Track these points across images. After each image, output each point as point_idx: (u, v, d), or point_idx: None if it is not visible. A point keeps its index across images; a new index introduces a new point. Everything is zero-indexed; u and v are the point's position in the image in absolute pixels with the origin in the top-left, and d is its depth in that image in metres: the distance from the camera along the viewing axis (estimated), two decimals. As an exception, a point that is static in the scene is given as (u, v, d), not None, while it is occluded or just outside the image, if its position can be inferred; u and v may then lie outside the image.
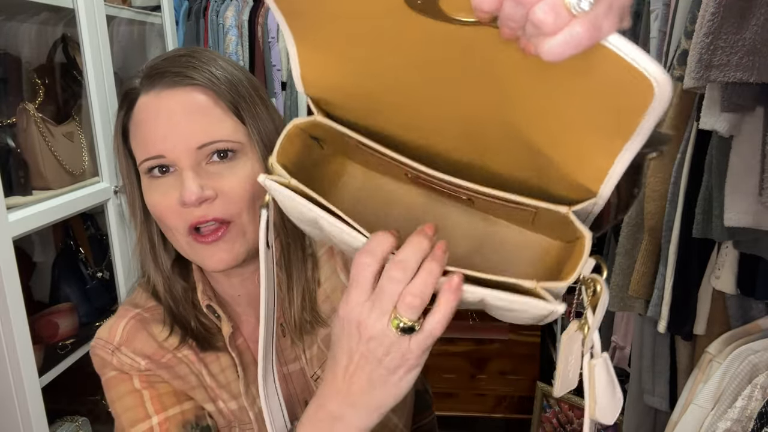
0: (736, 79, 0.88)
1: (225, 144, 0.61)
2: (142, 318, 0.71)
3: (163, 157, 0.61)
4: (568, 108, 0.38)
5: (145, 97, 0.62)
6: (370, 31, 0.40)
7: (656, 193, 1.21)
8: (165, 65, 0.63)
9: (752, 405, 0.94)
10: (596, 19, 0.29)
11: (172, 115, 0.60)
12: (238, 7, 2.20)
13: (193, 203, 0.60)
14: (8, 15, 1.44)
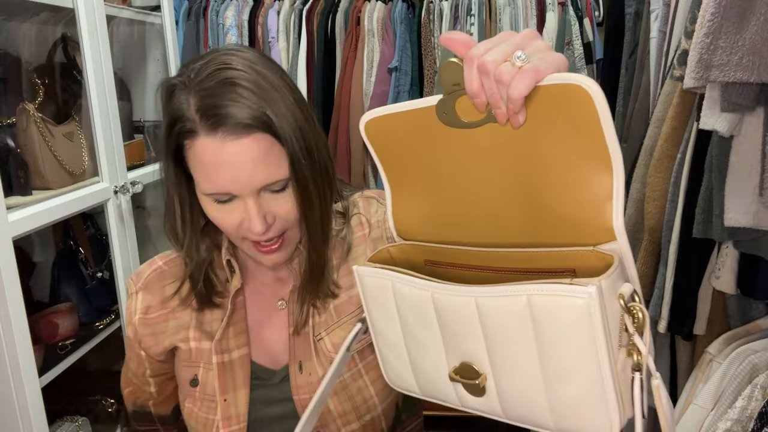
0: (736, 79, 0.88)
1: (281, 183, 0.72)
2: (162, 271, 0.86)
3: (230, 194, 0.71)
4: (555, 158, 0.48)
5: (209, 140, 0.68)
6: (432, 161, 0.56)
7: (656, 193, 1.21)
8: (222, 103, 0.67)
9: (752, 405, 0.94)
10: (533, 65, 0.45)
11: (239, 164, 0.68)
12: (238, 6, 2.20)
13: (260, 234, 0.72)
14: (8, 15, 1.44)
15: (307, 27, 2.14)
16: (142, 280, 0.87)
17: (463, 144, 0.53)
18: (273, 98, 0.69)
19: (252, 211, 0.70)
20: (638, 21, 1.78)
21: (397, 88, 2.07)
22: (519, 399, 0.53)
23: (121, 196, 1.50)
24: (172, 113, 0.71)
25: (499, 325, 0.51)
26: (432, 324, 0.56)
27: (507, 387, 0.53)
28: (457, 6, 2.06)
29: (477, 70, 0.47)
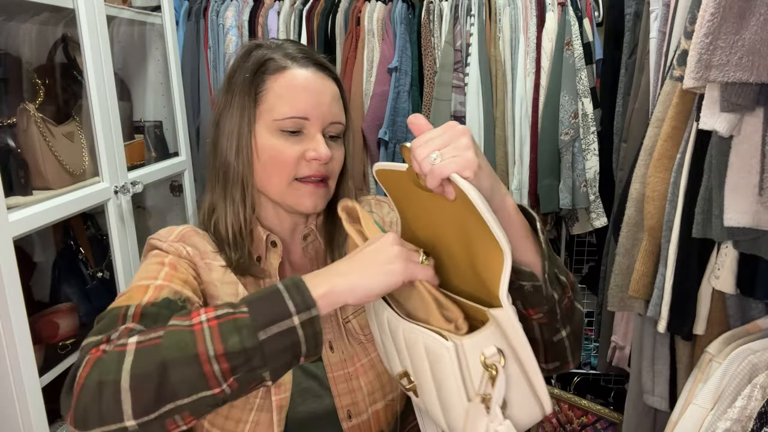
0: (736, 79, 0.88)
1: (341, 126, 0.87)
2: (195, 230, 0.87)
3: (307, 119, 0.82)
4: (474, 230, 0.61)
5: (301, 70, 0.83)
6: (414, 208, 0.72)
7: (656, 193, 1.21)
8: (307, 52, 0.86)
9: (752, 405, 0.94)
10: (439, 166, 0.60)
11: (322, 91, 0.84)
12: (238, 7, 2.20)
13: (324, 159, 0.82)
14: (9, 15, 1.44)
15: (307, 27, 2.14)
16: (175, 234, 0.85)
17: (430, 203, 0.67)
18: None
19: (319, 137, 0.82)
20: (638, 21, 1.78)
21: (397, 88, 2.07)
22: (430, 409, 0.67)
23: (122, 196, 1.50)
24: (258, 59, 0.84)
25: (414, 352, 0.66)
26: (387, 334, 0.72)
27: (423, 397, 0.68)
28: (457, 6, 2.06)
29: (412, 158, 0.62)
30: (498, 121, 2.05)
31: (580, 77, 1.97)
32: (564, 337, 0.76)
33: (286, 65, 0.83)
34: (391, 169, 0.71)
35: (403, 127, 2.08)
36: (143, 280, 0.76)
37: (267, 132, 0.83)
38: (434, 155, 0.60)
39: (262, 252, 0.87)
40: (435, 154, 0.60)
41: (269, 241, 0.87)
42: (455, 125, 0.63)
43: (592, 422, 2.09)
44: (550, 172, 2.01)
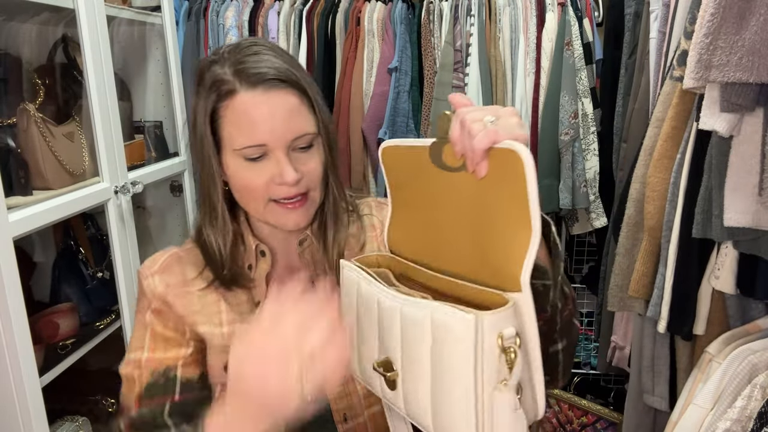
0: (736, 79, 0.88)
1: (309, 136, 0.80)
2: (179, 257, 0.88)
3: (265, 146, 0.77)
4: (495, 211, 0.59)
5: (248, 94, 0.77)
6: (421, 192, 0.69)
7: (656, 193, 1.21)
8: (258, 65, 0.78)
9: (752, 405, 0.94)
10: (495, 128, 0.57)
11: (276, 111, 0.77)
12: (238, 7, 2.20)
13: (292, 183, 0.78)
14: (9, 15, 1.44)
15: (307, 27, 2.14)
16: (158, 264, 0.87)
17: (443, 184, 0.65)
18: (294, 64, 0.80)
19: (284, 161, 0.77)
20: (638, 21, 1.78)
21: (397, 88, 2.07)
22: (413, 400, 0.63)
23: (122, 196, 1.50)
24: (211, 80, 0.79)
25: (411, 332, 0.62)
26: (374, 319, 0.68)
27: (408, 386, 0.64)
28: (457, 6, 2.06)
29: (459, 123, 0.59)
30: (498, 121, 2.05)
31: (580, 77, 1.97)
32: (559, 350, 0.77)
33: (234, 88, 0.77)
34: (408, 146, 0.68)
35: (403, 127, 2.08)
36: (135, 351, 0.84)
37: (232, 160, 0.80)
38: (490, 117, 0.58)
39: (252, 261, 0.86)
40: (490, 117, 0.58)
41: (258, 250, 0.86)
42: (503, 107, 0.62)
43: (592, 422, 2.09)
44: (550, 172, 2.01)
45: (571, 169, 1.99)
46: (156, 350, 0.84)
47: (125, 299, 1.50)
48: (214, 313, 0.84)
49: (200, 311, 0.84)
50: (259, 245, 0.86)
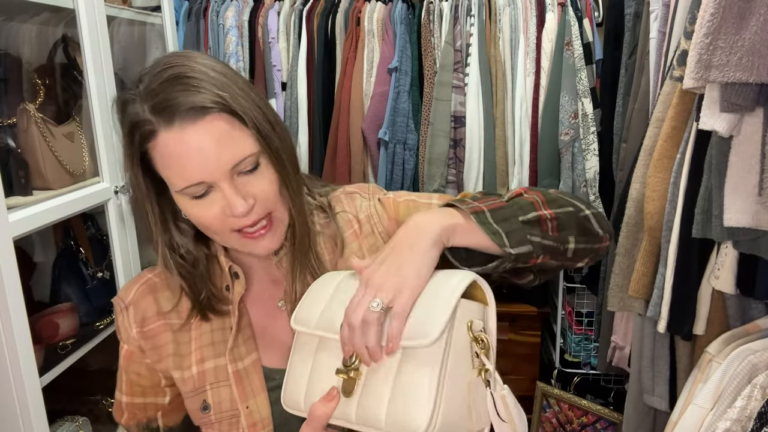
0: (736, 79, 0.88)
1: (251, 158, 0.71)
2: (153, 283, 0.83)
3: (203, 182, 0.70)
4: None
5: (169, 133, 0.69)
6: None
7: (656, 193, 1.21)
8: (173, 96, 0.68)
9: (752, 405, 0.94)
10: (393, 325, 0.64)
11: (203, 147, 0.68)
12: (238, 7, 2.20)
13: (242, 214, 0.71)
14: (9, 15, 1.44)
15: (307, 27, 2.14)
16: (131, 295, 0.83)
17: None
18: (222, 82, 0.70)
19: (229, 193, 0.70)
20: (638, 21, 1.78)
21: (397, 88, 2.07)
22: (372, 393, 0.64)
23: (122, 196, 1.50)
24: (129, 124, 0.71)
25: None
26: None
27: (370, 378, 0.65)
28: (457, 6, 2.06)
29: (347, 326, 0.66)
30: (498, 121, 2.05)
31: (580, 77, 1.97)
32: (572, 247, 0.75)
33: (153, 128, 0.69)
34: None
35: (403, 127, 2.08)
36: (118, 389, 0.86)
37: (180, 199, 0.74)
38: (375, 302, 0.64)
39: (228, 281, 0.82)
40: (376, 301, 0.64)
41: (232, 272, 0.82)
42: None
43: (592, 422, 2.09)
44: (550, 172, 2.01)
45: (571, 169, 1.99)
46: (134, 396, 0.85)
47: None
48: (185, 355, 0.81)
49: (173, 353, 0.81)
50: (232, 266, 0.81)
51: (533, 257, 0.70)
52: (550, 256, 0.72)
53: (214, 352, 0.81)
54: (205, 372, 0.81)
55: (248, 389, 0.80)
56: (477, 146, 2.05)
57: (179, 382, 0.82)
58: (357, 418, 0.65)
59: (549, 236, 0.71)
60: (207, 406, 0.80)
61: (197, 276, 0.80)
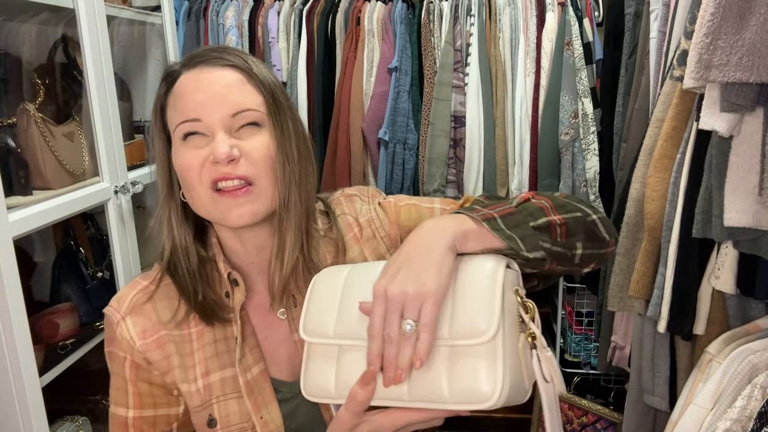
0: (736, 79, 0.88)
1: (254, 113, 0.73)
2: (149, 291, 0.80)
3: (199, 120, 0.71)
4: None
5: (188, 74, 0.73)
6: None
7: (656, 193, 1.21)
8: (204, 51, 0.75)
9: (752, 405, 0.94)
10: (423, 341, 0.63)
11: (211, 85, 0.72)
12: (238, 7, 2.20)
13: (223, 160, 0.70)
14: (9, 15, 1.44)
15: (307, 27, 2.14)
16: (126, 304, 0.78)
17: None
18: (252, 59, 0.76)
19: (220, 137, 0.70)
20: (638, 21, 1.78)
21: (397, 88, 2.07)
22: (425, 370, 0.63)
23: (122, 196, 1.50)
24: (161, 80, 0.76)
25: None
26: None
27: None
28: (457, 6, 2.06)
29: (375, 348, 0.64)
30: (498, 121, 2.05)
31: (580, 77, 1.97)
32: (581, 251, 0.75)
33: (178, 74, 0.74)
34: None
35: (403, 126, 2.08)
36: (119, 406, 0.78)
37: (176, 147, 0.74)
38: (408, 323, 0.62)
39: (228, 288, 0.79)
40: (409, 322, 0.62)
41: (231, 278, 0.79)
42: None
43: (592, 422, 2.09)
44: (550, 172, 2.01)
45: (571, 169, 1.99)
46: (144, 408, 0.78)
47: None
48: (189, 368, 0.78)
49: (178, 365, 0.78)
50: (231, 273, 0.79)
51: (545, 263, 0.70)
52: (558, 262, 0.72)
53: (218, 363, 0.78)
54: (211, 385, 0.78)
55: (260, 399, 0.78)
56: (477, 146, 2.05)
57: (186, 396, 0.78)
58: (412, 396, 0.64)
59: (558, 242, 0.71)
60: (213, 420, 0.77)
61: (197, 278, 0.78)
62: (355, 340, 0.67)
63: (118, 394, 0.79)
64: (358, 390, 0.64)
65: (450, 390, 0.62)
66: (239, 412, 0.77)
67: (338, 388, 0.67)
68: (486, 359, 0.61)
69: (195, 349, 0.78)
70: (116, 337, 0.78)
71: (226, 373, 0.78)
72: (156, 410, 0.79)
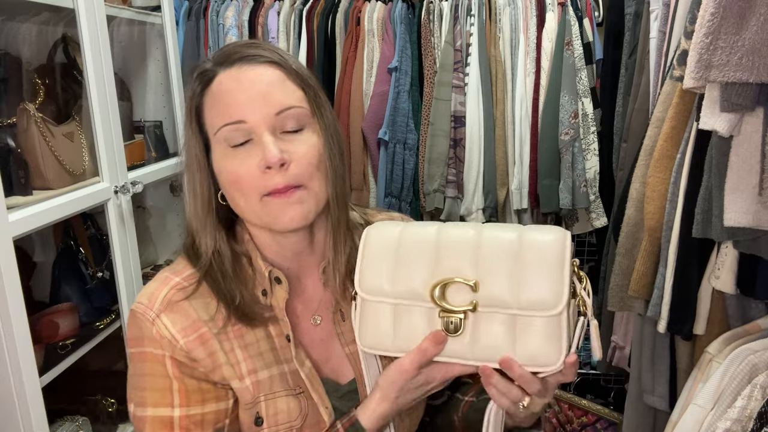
0: (736, 79, 0.88)
1: (297, 110, 0.71)
2: (183, 288, 0.76)
3: (243, 122, 0.69)
4: None
5: (226, 73, 0.71)
6: None
7: (656, 193, 1.21)
8: (238, 48, 0.73)
9: (752, 405, 0.94)
10: None
11: (253, 84, 0.70)
12: (238, 7, 2.20)
13: (275, 164, 0.69)
14: (8, 15, 1.44)
15: (307, 27, 2.14)
16: (159, 301, 0.74)
17: None
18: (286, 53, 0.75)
19: (267, 140, 0.69)
20: (638, 21, 1.78)
21: (397, 88, 2.07)
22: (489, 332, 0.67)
23: (122, 196, 1.50)
24: (193, 79, 0.74)
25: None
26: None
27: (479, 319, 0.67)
28: (457, 6, 2.06)
29: None
30: (498, 121, 2.05)
31: (580, 77, 1.97)
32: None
33: (214, 73, 0.72)
34: None
35: (403, 126, 2.08)
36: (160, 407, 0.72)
37: (219, 152, 0.72)
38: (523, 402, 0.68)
39: (267, 286, 0.77)
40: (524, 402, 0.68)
41: (272, 276, 0.77)
42: None
43: (592, 422, 2.09)
44: (550, 172, 2.01)
45: (571, 169, 1.99)
46: (191, 405, 0.73)
47: (125, 299, 1.50)
48: (235, 364, 0.75)
49: (226, 362, 0.74)
50: (273, 271, 0.77)
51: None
52: None
53: (263, 362, 0.76)
54: (260, 383, 0.75)
55: (320, 391, 0.78)
56: (477, 146, 2.05)
57: (239, 392, 0.75)
58: (474, 356, 0.68)
59: None
60: (260, 419, 0.75)
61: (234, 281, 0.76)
62: (414, 301, 0.69)
63: (158, 395, 0.73)
64: (429, 347, 0.68)
65: (514, 353, 0.66)
66: (287, 411, 0.76)
67: (396, 343, 0.70)
68: (552, 327, 0.65)
69: (236, 347, 0.75)
70: (151, 336, 0.73)
71: (273, 371, 0.76)
72: (204, 407, 0.74)
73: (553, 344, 0.65)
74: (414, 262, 0.69)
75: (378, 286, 0.71)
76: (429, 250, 0.69)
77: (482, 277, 0.67)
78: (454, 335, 0.68)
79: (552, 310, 0.65)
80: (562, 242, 0.67)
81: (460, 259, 0.68)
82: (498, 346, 0.66)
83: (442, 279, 0.68)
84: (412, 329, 0.69)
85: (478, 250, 0.68)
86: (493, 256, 0.67)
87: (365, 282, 0.71)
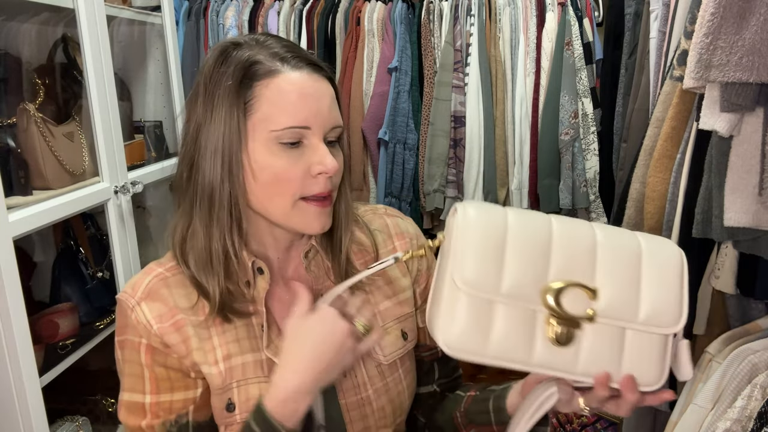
0: (736, 79, 0.88)
1: (341, 129, 0.78)
2: (165, 277, 0.79)
3: (308, 128, 0.73)
4: None
5: (297, 74, 0.73)
6: None
7: (656, 193, 1.21)
8: (300, 52, 0.76)
9: (752, 405, 0.94)
10: None
11: (323, 96, 0.75)
12: (238, 7, 2.20)
13: (333, 172, 0.74)
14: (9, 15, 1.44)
15: (307, 27, 2.14)
16: (141, 289, 0.77)
17: None
18: None
19: (324, 149, 0.74)
20: (638, 21, 1.78)
21: (397, 88, 2.07)
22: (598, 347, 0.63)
23: (122, 196, 1.50)
24: (240, 62, 0.73)
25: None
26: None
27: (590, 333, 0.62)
28: (457, 6, 2.06)
29: None
30: (498, 121, 2.06)
31: (580, 77, 1.97)
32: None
33: (276, 68, 0.73)
34: None
35: (403, 126, 2.08)
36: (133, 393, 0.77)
37: (263, 147, 0.72)
38: None
39: (249, 277, 0.79)
40: None
41: (255, 267, 0.79)
42: None
43: (592, 422, 2.09)
44: (550, 172, 2.01)
45: (571, 169, 1.99)
46: (161, 393, 0.77)
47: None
48: (209, 351, 0.77)
49: (198, 348, 0.76)
50: (256, 261, 0.79)
51: None
52: None
53: (239, 348, 0.77)
54: (233, 369, 0.77)
55: None
56: (477, 146, 2.05)
57: (209, 377, 0.77)
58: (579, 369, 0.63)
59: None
60: (232, 404, 0.77)
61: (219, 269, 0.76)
62: (516, 300, 0.61)
63: (133, 381, 0.77)
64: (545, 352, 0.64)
65: (617, 372, 0.63)
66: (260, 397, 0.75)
67: (495, 348, 0.62)
68: (659, 346, 0.64)
69: (213, 334, 0.77)
70: (131, 323, 0.76)
71: (248, 358, 0.77)
72: (173, 395, 0.77)
73: (660, 363, 0.64)
74: (525, 257, 0.62)
75: (482, 280, 0.61)
76: (541, 244, 0.62)
77: (601, 284, 0.62)
78: (562, 346, 0.61)
79: (670, 328, 0.63)
80: (680, 258, 0.65)
81: (574, 260, 0.62)
82: (602, 361, 0.62)
83: (564, 281, 0.61)
84: (508, 333, 0.61)
85: (595, 253, 0.63)
86: (614, 263, 0.62)
87: (466, 273, 0.62)
